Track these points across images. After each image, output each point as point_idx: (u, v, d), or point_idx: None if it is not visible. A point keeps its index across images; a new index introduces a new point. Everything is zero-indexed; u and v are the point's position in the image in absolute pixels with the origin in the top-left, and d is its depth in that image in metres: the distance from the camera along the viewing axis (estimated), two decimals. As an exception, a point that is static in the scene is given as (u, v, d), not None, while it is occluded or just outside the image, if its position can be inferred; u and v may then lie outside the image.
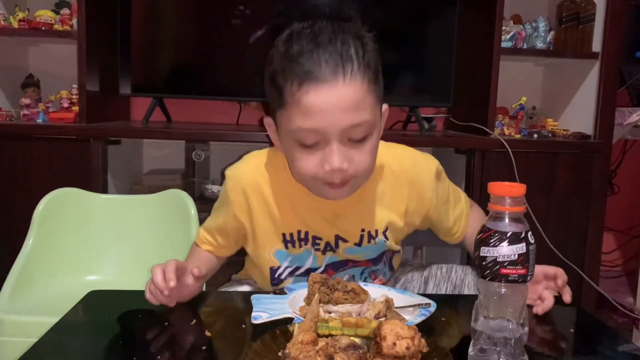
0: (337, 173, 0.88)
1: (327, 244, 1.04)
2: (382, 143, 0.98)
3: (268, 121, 0.97)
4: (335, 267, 1.07)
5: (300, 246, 1.03)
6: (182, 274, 0.92)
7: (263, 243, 1.04)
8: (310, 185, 0.94)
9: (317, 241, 1.03)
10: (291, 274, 1.06)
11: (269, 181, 1.01)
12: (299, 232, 1.02)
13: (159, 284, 0.87)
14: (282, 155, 0.98)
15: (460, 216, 1.12)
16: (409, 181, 1.03)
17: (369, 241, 1.04)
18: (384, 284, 1.15)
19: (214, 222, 1.08)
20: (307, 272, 1.03)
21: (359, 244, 1.04)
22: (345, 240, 1.03)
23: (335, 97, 0.84)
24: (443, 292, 1.10)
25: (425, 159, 1.07)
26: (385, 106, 0.96)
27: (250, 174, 1.02)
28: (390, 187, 1.03)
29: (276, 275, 1.06)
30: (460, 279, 1.10)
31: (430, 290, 1.12)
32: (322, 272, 1.05)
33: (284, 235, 1.02)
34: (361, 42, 0.88)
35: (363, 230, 1.03)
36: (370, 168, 0.93)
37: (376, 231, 1.04)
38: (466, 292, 1.09)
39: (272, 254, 1.04)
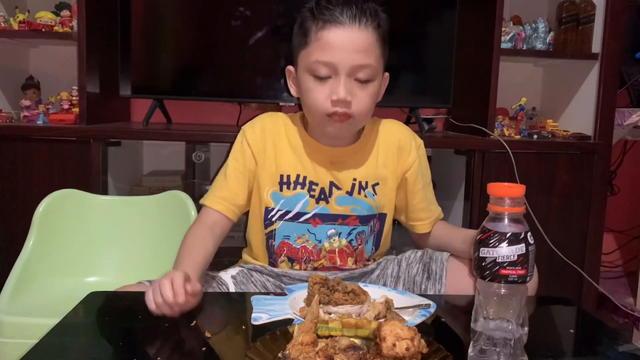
0: (342, 104, 1.05)
1: (322, 190, 1.16)
2: (378, 118, 1.23)
3: (289, 68, 1.16)
4: (324, 218, 1.17)
5: (295, 188, 1.15)
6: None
7: (264, 182, 1.16)
8: (318, 119, 1.10)
9: (314, 187, 1.16)
10: (281, 217, 1.17)
11: (280, 129, 1.18)
12: (297, 175, 1.16)
13: (169, 299, 0.86)
14: (293, 114, 1.20)
15: (433, 212, 1.25)
16: (397, 145, 1.20)
17: (359, 192, 1.17)
18: (363, 254, 1.21)
19: (230, 170, 1.17)
20: (296, 217, 1.16)
21: (350, 193, 1.17)
22: (338, 188, 1.17)
23: (350, 38, 1.04)
24: (414, 271, 1.18)
25: (413, 134, 1.25)
26: (386, 74, 1.15)
27: (267, 120, 1.20)
28: (382, 149, 1.19)
29: (269, 217, 1.18)
30: (429, 257, 1.19)
31: (403, 269, 1.20)
32: (309, 219, 1.17)
33: (281, 176, 1.16)
34: (376, 12, 1.07)
35: (355, 179, 1.17)
36: (367, 111, 1.10)
37: (366, 183, 1.17)
38: (433, 267, 1.16)
39: (269, 194, 1.17)
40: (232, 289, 1.16)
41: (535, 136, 2.05)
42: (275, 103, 2.13)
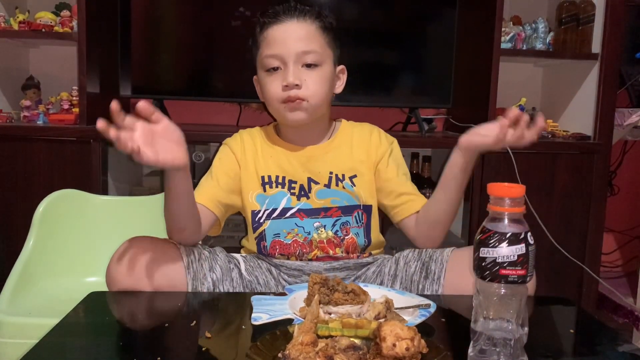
0: (293, 89, 1.15)
1: (302, 187, 1.22)
2: (355, 122, 1.32)
3: (255, 77, 1.26)
4: (308, 213, 1.22)
5: (277, 187, 1.22)
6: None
7: (247, 188, 1.23)
8: (276, 108, 1.19)
9: (293, 185, 1.22)
10: (268, 217, 1.22)
11: (258, 139, 1.28)
12: (277, 176, 1.23)
13: (145, 109, 0.90)
14: (266, 126, 1.31)
15: (414, 198, 1.25)
16: (369, 140, 1.28)
17: (336, 184, 1.23)
18: (355, 244, 1.23)
19: (215, 171, 1.24)
20: (282, 213, 1.21)
21: (327, 186, 1.23)
22: (316, 182, 1.23)
23: (290, 30, 1.16)
24: (412, 269, 1.17)
25: (386, 134, 1.31)
26: (342, 66, 1.26)
27: (244, 133, 1.30)
28: (355, 145, 1.27)
29: (256, 219, 1.22)
30: (428, 256, 1.18)
31: (401, 267, 1.19)
32: (294, 214, 1.21)
33: (262, 178, 1.23)
34: (316, 9, 1.19)
35: (331, 173, 1.23)
36: (320, 95, 1.18)
37: (343, 175, 1.23)
38: (433, 267, 1.14)
39: (254, 197, 1.23)
40: (242, 265, 1.21)
41: (535, 136, 2.04)
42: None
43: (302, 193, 1.22)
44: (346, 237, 1.22)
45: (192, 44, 2.08)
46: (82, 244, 1.53)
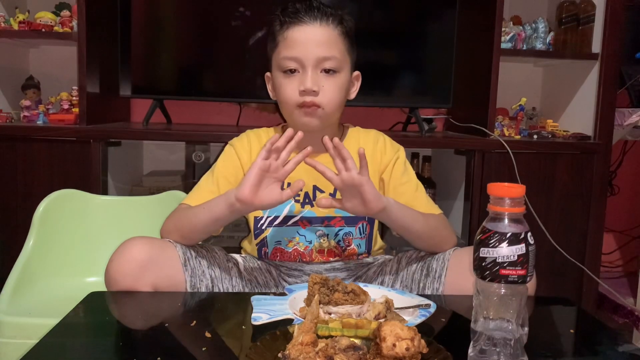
0: (310, 94, 1.13)
1: (306, 195, 1.21)
2: (361, 128, 1.30)
3: (267, 74, 1.24)
4: (310, 221, 1.21)
5: None
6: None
7: None
8: (290, 112, 1.17)
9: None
10: (270, 223, 1.21)
11: (262, 141, 1.24)
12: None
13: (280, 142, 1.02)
14: (275, 127, 1.29)
15: (418, 205, 1.20)
16: (374, 148, 1.25)
17: None
18: (356, 254, 1.23)
19: (218, 175, 1.21)
20: (284, 221, 1.21)
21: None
22: (321, 191, 1.21)
23: (311, 34, 1.13)
24: (413, 268, 1.17)
25: (393, 141, 1.30)
26: (357, 72, 1.24)
27: (252, 135, 1.28)
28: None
29: (258, 225, 1.22)
30: (430, 255, 1.17)
31: (403, 266, 1.19)
32: (297, 221, 1.21)
33: None
34: (339, 13, 1.17)
35: None
36: (335, 102, 1.16)
37: None
38: (434, 265, 1.14)
39: None
40: (241, 265, 1.20)
41: (535, 136, 2.05)
42: (275, 103, 2.13)
43: (307, 200, 1.21)
44: (348, 248, 1.22)
45: (192, 44, 2.07)
46: (82, 244, 1.53)
